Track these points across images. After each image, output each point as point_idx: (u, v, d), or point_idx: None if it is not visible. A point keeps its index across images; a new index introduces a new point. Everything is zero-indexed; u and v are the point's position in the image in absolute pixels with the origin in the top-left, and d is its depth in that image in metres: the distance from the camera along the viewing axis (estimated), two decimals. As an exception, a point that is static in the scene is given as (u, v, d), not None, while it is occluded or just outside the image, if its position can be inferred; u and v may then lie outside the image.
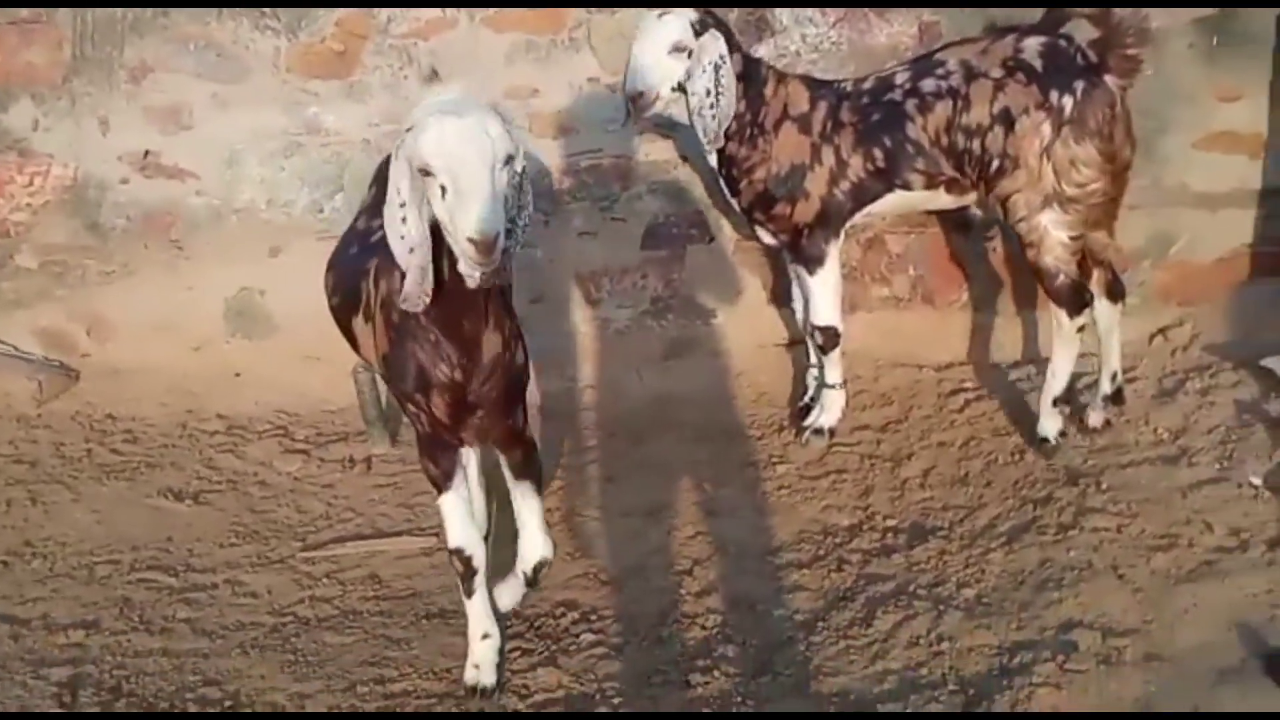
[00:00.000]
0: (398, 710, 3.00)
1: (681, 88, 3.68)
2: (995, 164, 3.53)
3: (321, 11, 4.44)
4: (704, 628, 3.21)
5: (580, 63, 4.43)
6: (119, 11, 4.48)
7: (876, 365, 4.40)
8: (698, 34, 3.60)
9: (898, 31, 4.24)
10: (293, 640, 3.29)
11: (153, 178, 4.64)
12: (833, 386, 4.01)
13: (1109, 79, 3.44)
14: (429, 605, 3.41)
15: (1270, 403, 3.71)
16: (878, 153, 3.68)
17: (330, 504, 4.00)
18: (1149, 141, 4.17)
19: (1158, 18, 4.05)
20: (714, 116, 3.65)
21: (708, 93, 3.62)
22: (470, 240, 2.34)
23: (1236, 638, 2.89)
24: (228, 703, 3.04)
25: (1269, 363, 3.81)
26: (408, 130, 2.46)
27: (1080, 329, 3.69)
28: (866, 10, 4.25)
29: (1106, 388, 3.87)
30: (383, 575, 3.59)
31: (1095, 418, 3.83)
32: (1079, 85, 3.44)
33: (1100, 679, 2.82)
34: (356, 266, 3.06)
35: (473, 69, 4.46)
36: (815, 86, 3.79)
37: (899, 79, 3.67)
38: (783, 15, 4.30)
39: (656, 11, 3.65)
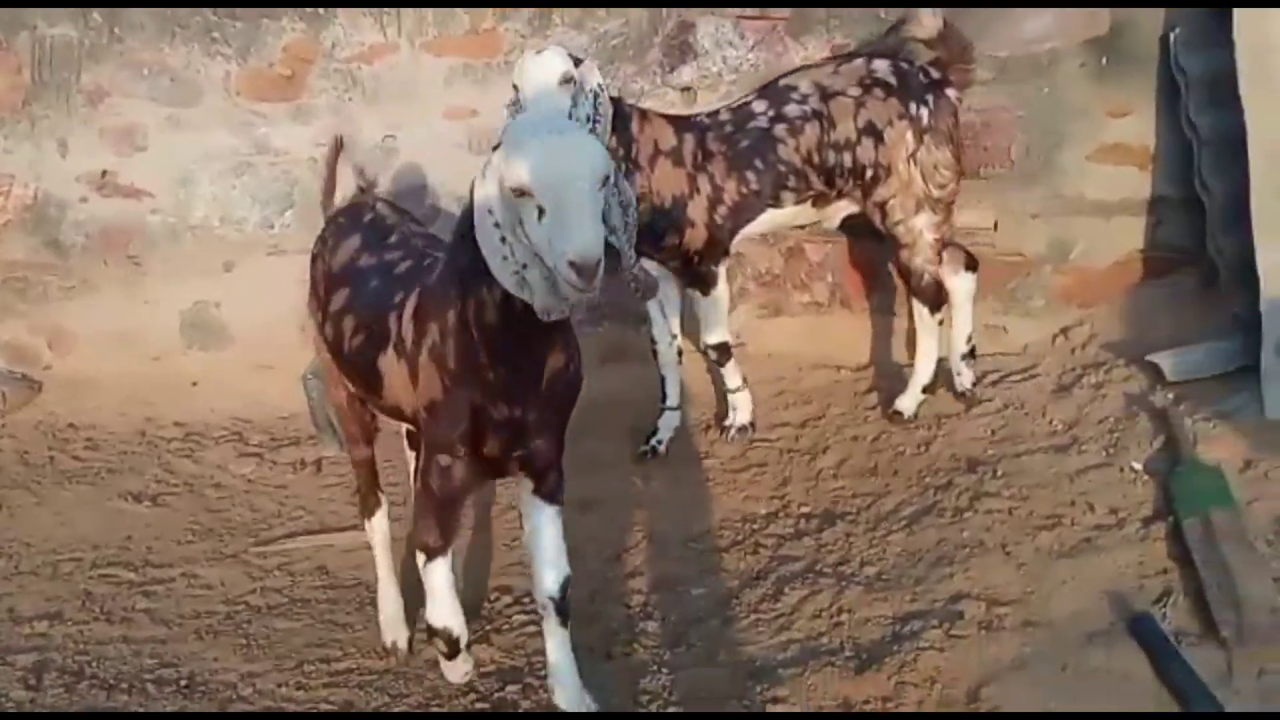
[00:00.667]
0: (344, 689, 3.24)
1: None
2: (869, 173, 3.91)
3: (270, 37, 4.69)
4: (628, 606, 3.47)
5: (516, 84, 4.69)
6: (76, 38, 4.72)
7: (798, 367, 4.68)
8: (576, 64, 3.71)
9: (811, 54, 4.53)
10: (244, 626, 3.53)
11: (110, 197, 4.87)
12: (737, 389, 4.27)
13: (950, 92, 3.94)
14: (373, 592, 3.62)
15: (1155, 394, 4.01)
16: (751, 176, 3.95)
17: (282, 503, 4.24)
18: (1048, 155, 4.51)
19: (1051, 40, 4.42)
20: None
21: (588, 119, 3.67)
22: (572, 264, 2.24)
23: (1107, 604, 3.18)
24: (183, 683, 3.27)
25: (1155, 358, 4.11)
26: (495, 150, 2.41)
27: (940, 322, 4.11)
28: (783, 34, 4.54)
29: (963, 348, 4.25)
30: (330, 566, 3.83)
31: (967, 377, 4.23)
32: (929, 98, 3.91)
33: (981, 643, 3.10)
34: (382, 301, 2.90)
35: (414, 92, 4.72)
36: (676, 121, 4.04)
37: (758, 107, 3.96)
38: (704, 39, 4.59)
39: (530, 51, 3.74)
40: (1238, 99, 3.92)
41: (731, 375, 4.25)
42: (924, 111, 3.90)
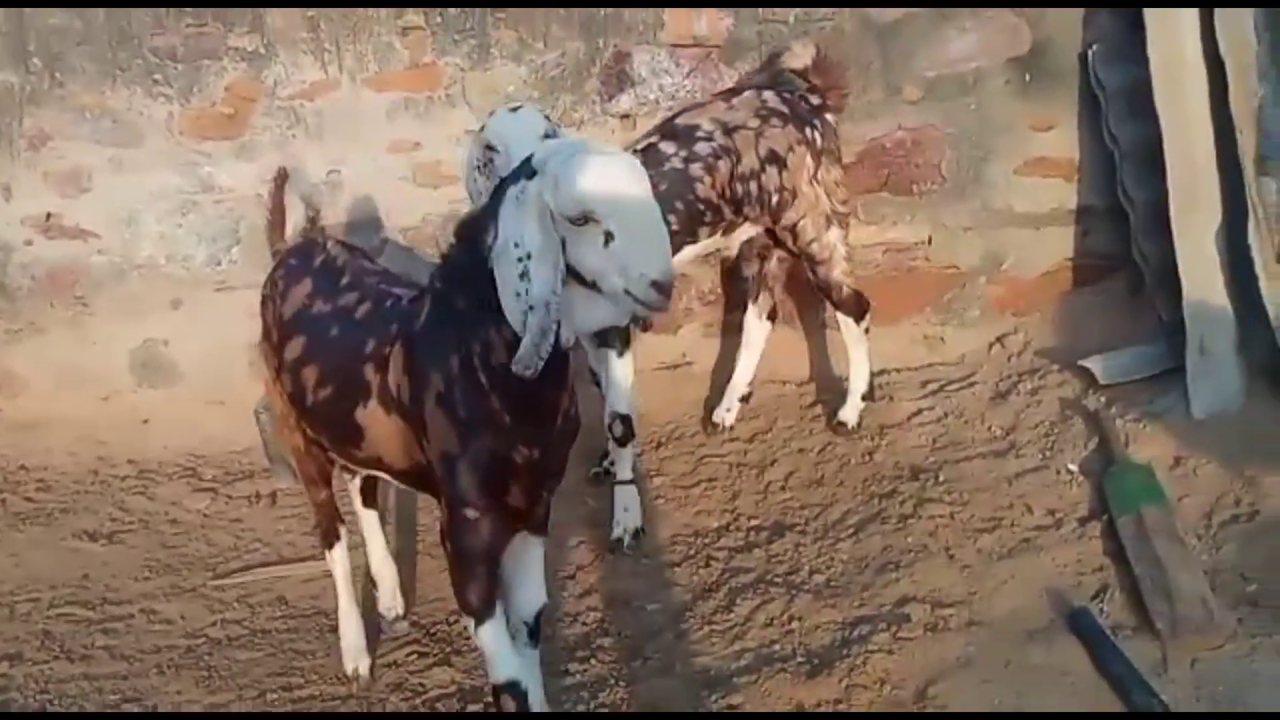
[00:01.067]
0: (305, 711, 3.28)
1: None
2: (775, 199, 4.02)
3: (212, 77, 4.73)
4: (584, 624, 3.54)
5: (457, 117, 4.76)
6: (15, 84, 4.73)
7: (745, 383, 4.76)
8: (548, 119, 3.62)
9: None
10: (206, 659, 3.56)
11: (55, 239, 4.87)
12: (626, 482, 4.01)
13: (829, 115, 4.15)
14: (332, 621, 3.66)
15: (1088, 398, 4.15)
16: (672, 219, 3.84)
17: (239, 536, 4.26)
18: (976, 169, 4.66)
19: (976, 59, 4.57)
20: None
21: None
22: (655, 284, 2.21)
23: (1046, 602, 3.31)
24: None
25: (1087, 363, 4.25)
26: (530, 178, 2.33)
27: (867, 330, 4.24)
28: (717, 61, 4.65)
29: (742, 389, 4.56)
30: (289, 597, 3.87)
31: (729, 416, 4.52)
32: (816, 122, 4.09)
33: (927, 644, 3.21)
34: (349, 350, 2.82)
35: (357, 127, 4.78)
36: None
37: (667, 149, 3.91)
38: (641, 68, 4.69)
39: (507, 107, 3.66)
40: (1154, 111, 4.09)
41: (624, 464, 4.02)
42: (816, 135, 4.07)
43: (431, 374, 2.56)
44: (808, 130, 4.08)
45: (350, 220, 4.82)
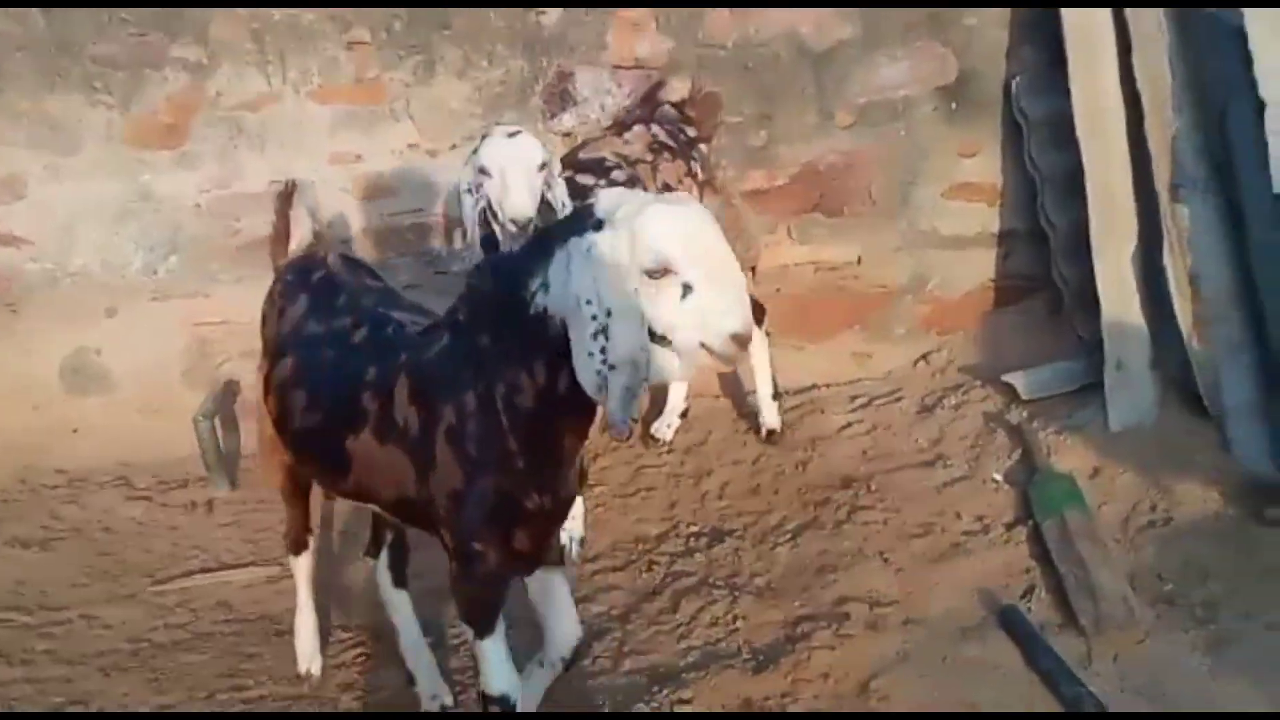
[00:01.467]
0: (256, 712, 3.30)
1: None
2: None
3: (152, 86, 4.73)
4: (534, 626, 3.58)
5: (400, 130, 4.82)
6: (-51, 89, 4.70)
7: (682, 398, 4.87)
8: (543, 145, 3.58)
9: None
10: (151, 661, 3.56)
11: (-12, 246, 4.83)
12: None
13: (702, 146, 4.24)
14: (277, 625, 3.70)
15: (1010, 412, 4.33)
16: None
17: (176, 544, 4.25)
18: (904, 192, 4.85)
19: (905, 87, 4.75)
20: None
21: (563, 205, 3.52)
22: (735, 336, 2.17)
23: (978, 601, 3.47)
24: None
25: (1010, 378, 4.44)
26: (597, 230, 2.23)
27: (766, 333, 4.40)
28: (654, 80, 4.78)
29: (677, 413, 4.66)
30: (232, 602, 3.87)
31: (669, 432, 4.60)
32: (696, 154, 4.18)
33: (867, 641, 3.34)
34: (345, 375, 2.73)
35: (300, 138, 4.81)
36: None
37: (585, 181, 3.80)
38: (583, 88, 4.80)
39: (506, 130, 3.57)
40: (1075, 140, 4.30)
41: None
42: (697, 167, 4.16)
43: (442, 407, 2.50)
44: (691, 163, 4.16)
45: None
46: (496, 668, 2.70)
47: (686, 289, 2.17)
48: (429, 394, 2.53)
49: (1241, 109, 3.89)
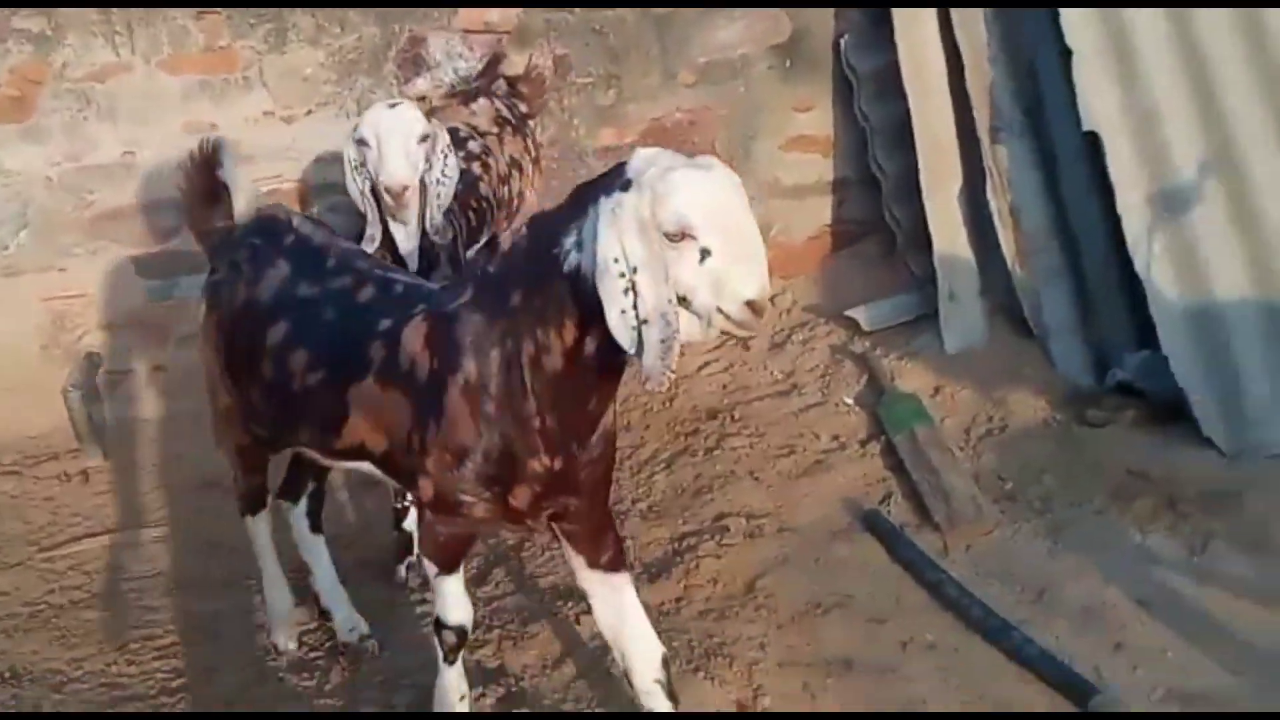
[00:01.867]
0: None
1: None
2: (515, 203, 4.16)
3: (-7, 58, 4.68)
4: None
5: (254, 99, 4.86)
6: None
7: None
8: (428, 119, 3.55)
9: (535, 65, 4.96)
10: (54, 620, 3.60)
11: None
12: None
13: (530, 122, 4.38)
14: (175, 580, 3.78)
15: (855, 343, 4.69)
16: (473, 217, 3.84)
17: (55, 513, 4.24)
18: (746, 146, 5.15)
19: (743, 46, 5.05)
20: (439, 207, 3.52)
21: (438, 181, 3.50)
22: (750, 303, 2.16)
23: (843, 509, 3.82)
24: (7, 674, 3.33)
25: (852, 313, 4.79)
26: (625, 190, 2.22)
27: None
28: (506, 44, 4.95)
29: None
30: (124, 563, 3.92)
31: None
32: (527, 129, 4.32)
33: (748, 549, 3.64)
34: (354, 329, 2.70)
35: (151, 108, 4.81)
36: None
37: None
38: (436, 52, 4.93)
39: (386, 103, 3.57)
40: (901, 92, 4.67)
41: None
42: (531, 143, 4.31)
43: (464, 361, 2.47)
44: (527, 138, 4.28)
45: (146, 201, 4.85)
46: (454, 601, 2.74)
47: (705, 253, 2.17)
48: (448, 345, 2.51)
49: (1049, 57, 4.34)
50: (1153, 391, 3.99)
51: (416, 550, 3.56)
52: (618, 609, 2.70)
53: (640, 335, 2.21)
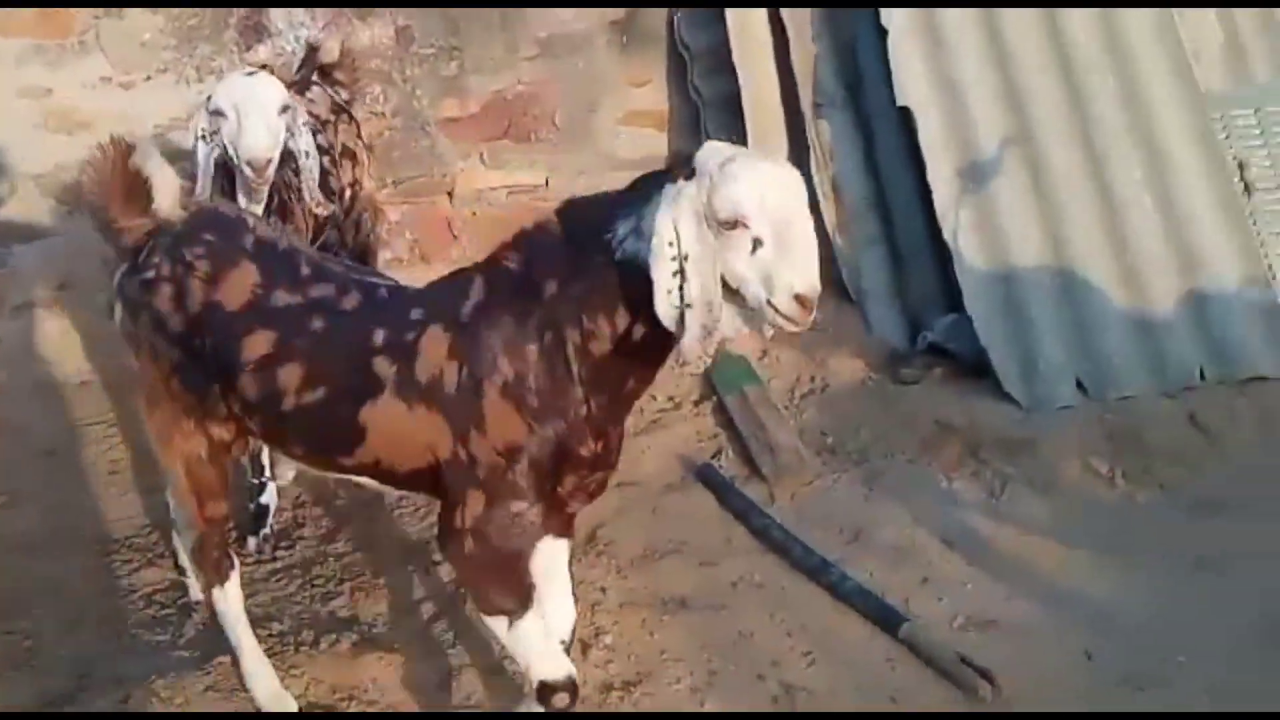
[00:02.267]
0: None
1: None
2: (348, 192, 4.05)
3: None
4: (282, 518, 3.87)
5: (91, 64, 4.83)
6: None
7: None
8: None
9: (378, 34, 5.05)
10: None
11: None
12: None
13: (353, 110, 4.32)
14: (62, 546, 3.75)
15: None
16: (335, 208, 3.81)
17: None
18: (585, 121, 5.33)
19: (581, 21, 5.22)
20: (315, 179, 3.50)
21: (306, 154, 3.45)
22: (798, 297, 2.16)
23: (678, 463, 4.08)
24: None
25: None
26: (690, 178, 2.24)
27: None
28: (350, 16, 5.03)
29: None
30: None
31: None
32: (348, 117, 4.22)
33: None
34: (345, 344, 2.57)
35: (-19, 72, 4.75)
36: None
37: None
38: (278, 20, 4.98)
39: (243, 71, 3.49)
40: (732, 68, 4.91)
41: None
42: (361, 130, 4.23)
43: (500, 361, 2.43)
44: (355, 127, 4.20)
45: (-21, 168, 4.80)
46: (544, 648, 2.57)
47: (757, 243, 2.18)
48: (477, 350, 2.45)
49: (868, 35, 4.64)
50: (959, 352, 4.35)
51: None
52: (549, 565, 2.68)
53: (683, 317, 2.23)
